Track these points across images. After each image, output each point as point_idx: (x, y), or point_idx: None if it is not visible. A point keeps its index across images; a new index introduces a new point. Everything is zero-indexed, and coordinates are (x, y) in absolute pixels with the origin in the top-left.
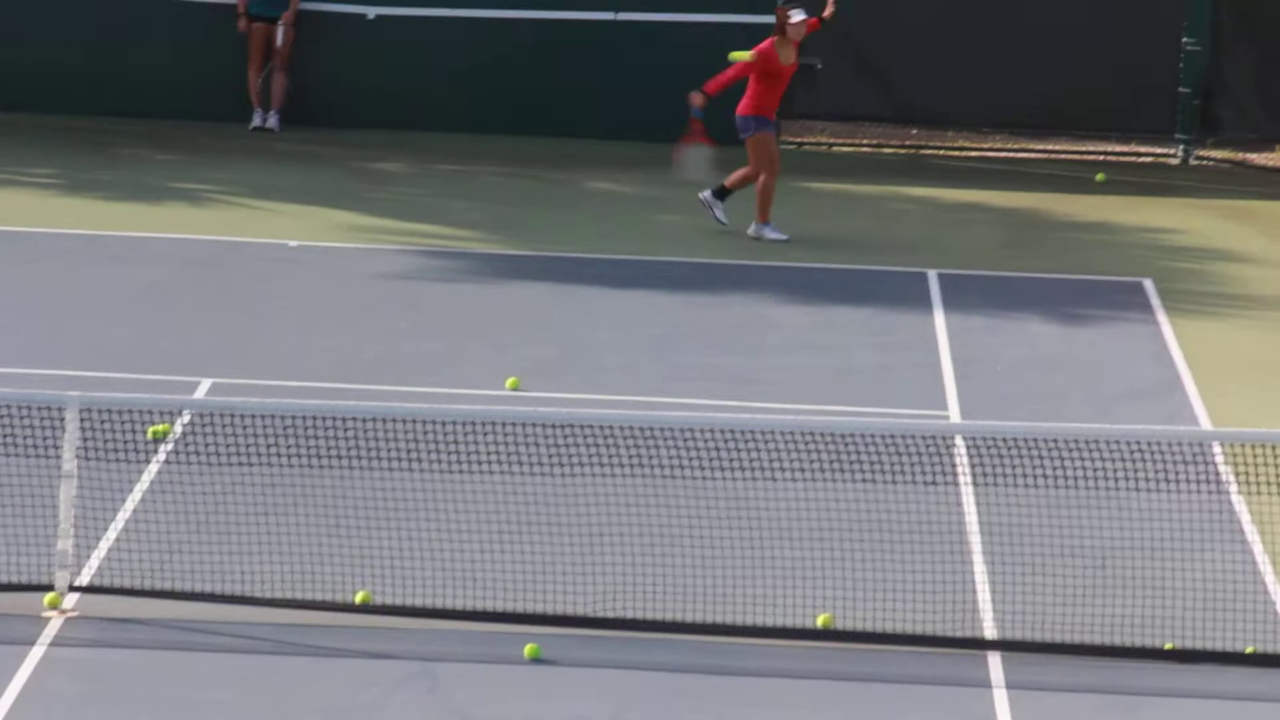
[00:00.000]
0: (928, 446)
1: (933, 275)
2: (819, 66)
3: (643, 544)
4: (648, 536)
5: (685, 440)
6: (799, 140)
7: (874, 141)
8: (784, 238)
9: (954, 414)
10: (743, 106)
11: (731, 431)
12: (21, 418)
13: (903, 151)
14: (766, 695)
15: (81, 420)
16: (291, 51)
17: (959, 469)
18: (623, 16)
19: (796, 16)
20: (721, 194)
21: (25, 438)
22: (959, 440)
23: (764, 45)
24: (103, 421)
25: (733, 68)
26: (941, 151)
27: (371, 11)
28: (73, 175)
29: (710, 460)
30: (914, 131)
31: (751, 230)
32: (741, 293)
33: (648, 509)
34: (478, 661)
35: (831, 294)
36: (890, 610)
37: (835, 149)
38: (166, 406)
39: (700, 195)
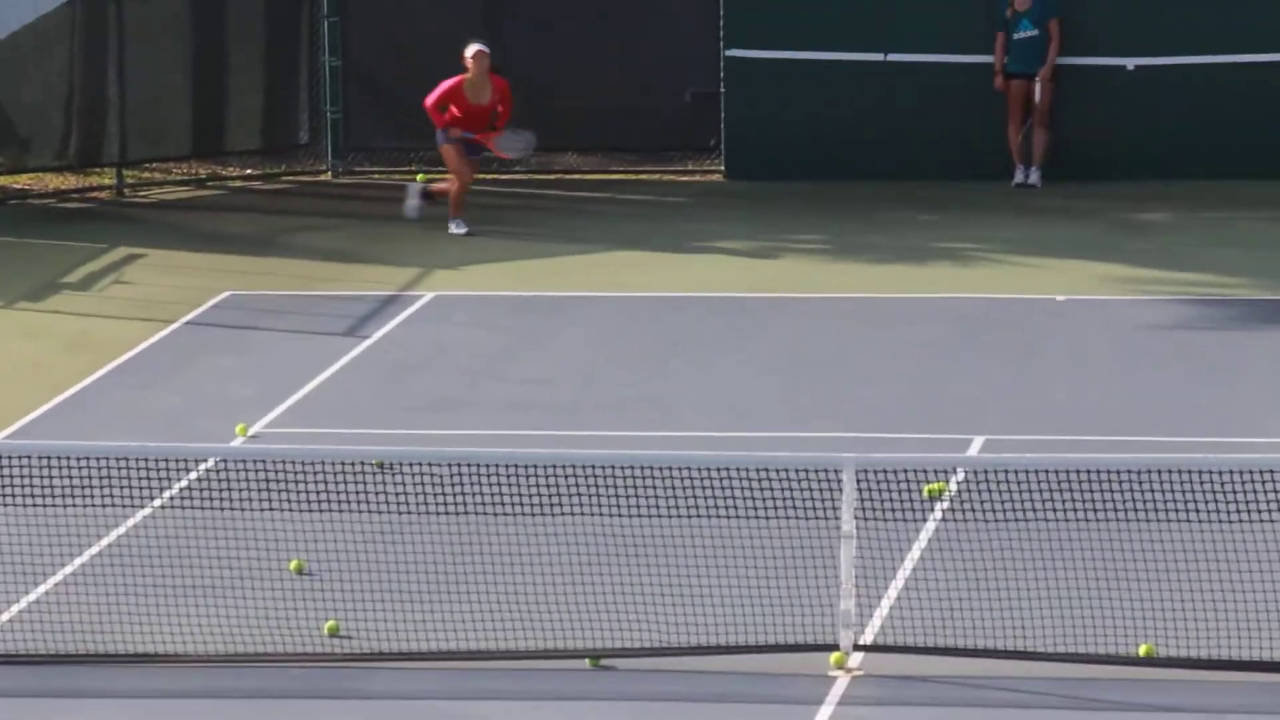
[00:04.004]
0: None
1: None
2: None
3: None
4: None
5: None
6: None
7: None
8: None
9: None
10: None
11: None
12: (800, 481)
13: None
14: None
15: (858, 481)
16: (1051, 106)
17: None
18: None
19: (471, 50)
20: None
21: (805, 500)
22: None
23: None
24: (879, 481)
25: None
26: None
27: (1130, 62)
28: (840, 240)
29: None
30: None
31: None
32: None
33: None
34: None
35: None
36: None
37: None
38: (941, 465)
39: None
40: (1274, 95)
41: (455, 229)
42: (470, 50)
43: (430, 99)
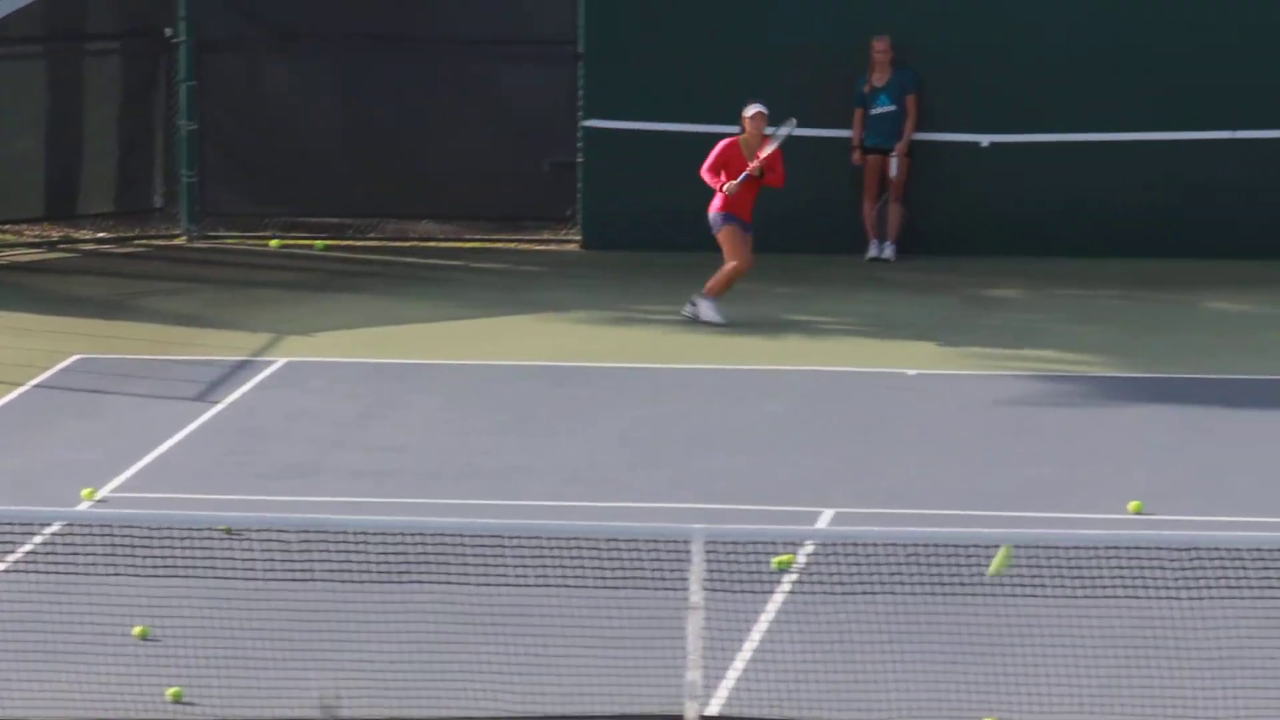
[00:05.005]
0: None
1: None
2: None
3: (1277, 666)
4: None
5: None
6: None
7: None
8: (720, 320)
9: None
10: (711, 204)
11: None
12: (649, 551)
13: None
14: None
15: (707, 552)
16: (906, 181)
17: None
18: (1239, 134)
19: (750, 110)
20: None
21: (654, 570)
22: None
23: (726, 144)
24: (728, 553)
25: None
26: None
27: (985, 139)
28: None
29: None
30: None
31: (688, 309)
32: None
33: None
34: None
35: None
36: None
37: None
38: (789, 537)
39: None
40: (1126, 174)
41: (708, 312)
42: (750, 111)
43: (705, 167)
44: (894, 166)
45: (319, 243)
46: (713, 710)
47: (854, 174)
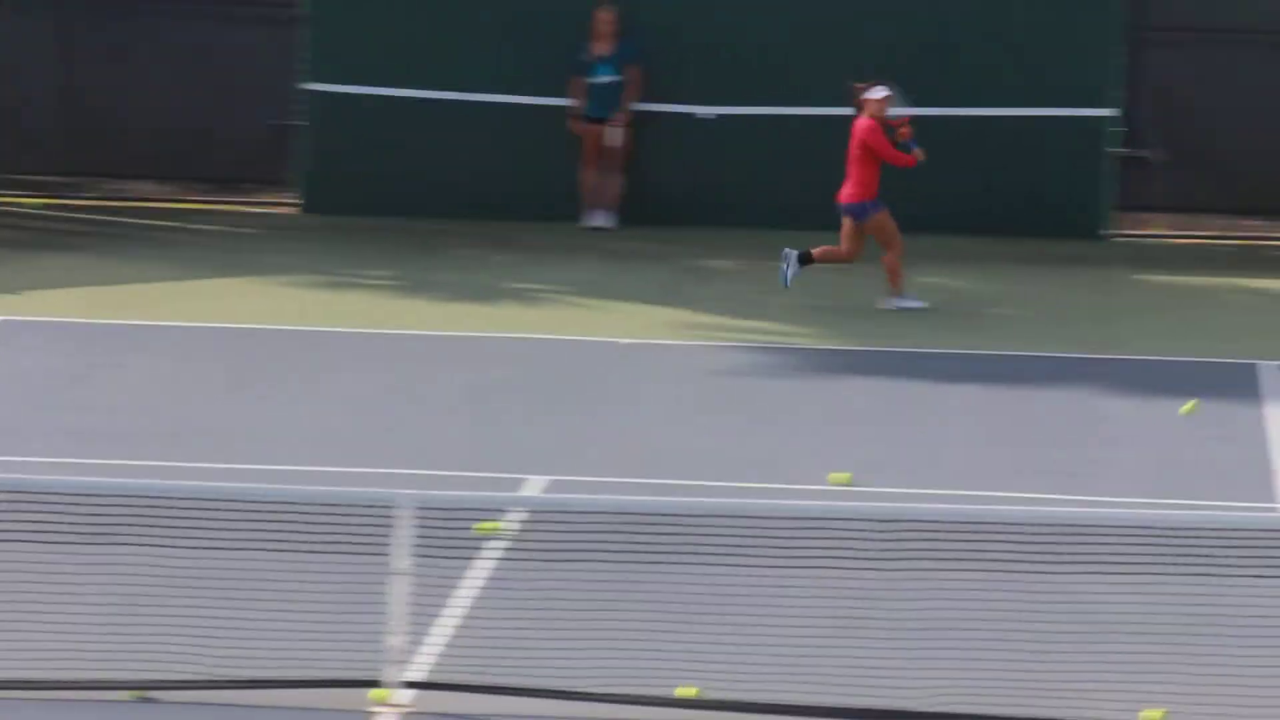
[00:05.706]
0: (1259, 540)
1: (1263, 366)
2: (1150, 159)
3: (974, 638)
4: (979, 631)
5: (1015, 535)
6: (1132, 233)
7: (1210, 234)
8: (921, 305)
9: None
10: (854, 193)
11: (1060, 525)
12: (356, 516)
13: (1239, 244)
14: None
15: (414, 518)
16: (627, 151)
17: None
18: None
19: (881, 93)
20: (805, 260)
21: (357, 535)
22: None
23: (873, 128)
24: (435, 519)
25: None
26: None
27: (702, 111)
28: (411, 276)
29: (1040, 555)
30: (1253, 223)
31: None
32: (1069, 386)
33: (978, 603)
34: None
35: (1160, 386)
36: (1232, 703)
37: (1169, 241)
38: (497, 504)
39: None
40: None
41: (911, 303)
42: (880, 93)
43: (890, 153)
44: (614, 136)
45: (34, 201)
46: (414, 676)
47: (573, 142)
